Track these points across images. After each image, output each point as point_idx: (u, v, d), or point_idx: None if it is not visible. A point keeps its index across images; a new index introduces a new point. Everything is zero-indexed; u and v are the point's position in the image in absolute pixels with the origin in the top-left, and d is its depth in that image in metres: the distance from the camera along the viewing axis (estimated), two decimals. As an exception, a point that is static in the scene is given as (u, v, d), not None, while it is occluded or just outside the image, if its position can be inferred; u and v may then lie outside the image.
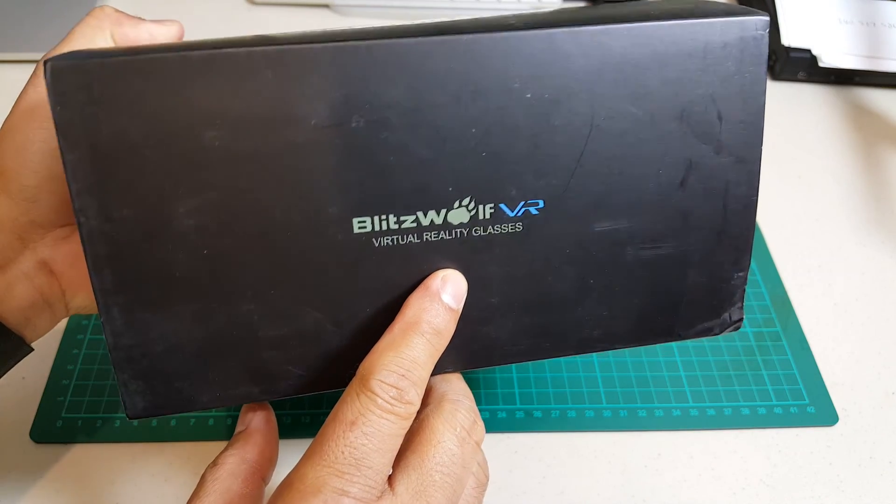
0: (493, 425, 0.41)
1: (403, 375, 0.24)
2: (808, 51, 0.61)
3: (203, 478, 0.26)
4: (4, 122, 0.28)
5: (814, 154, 0.58)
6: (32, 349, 0.30)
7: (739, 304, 0.30)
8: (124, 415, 0.40)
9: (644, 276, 0.28)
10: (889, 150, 0.59)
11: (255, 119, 0.22)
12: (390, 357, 0.24)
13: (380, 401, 0.23)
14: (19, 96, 0.28)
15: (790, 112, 0.61)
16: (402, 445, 0.25)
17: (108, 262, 0.23)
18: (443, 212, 0.25)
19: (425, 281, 0.25)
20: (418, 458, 0.25)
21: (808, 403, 0.43)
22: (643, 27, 0.24)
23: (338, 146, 0.23)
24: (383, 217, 0.25)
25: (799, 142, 0.59)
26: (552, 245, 0.27)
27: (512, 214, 0.26)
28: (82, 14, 0.62)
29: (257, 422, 0.27)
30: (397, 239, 0.25)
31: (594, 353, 0.36)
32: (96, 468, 0.39)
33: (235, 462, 0.26)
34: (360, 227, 0.24)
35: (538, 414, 0.42)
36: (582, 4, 0.70)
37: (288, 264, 0.24)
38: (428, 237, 0.25)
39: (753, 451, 0.41)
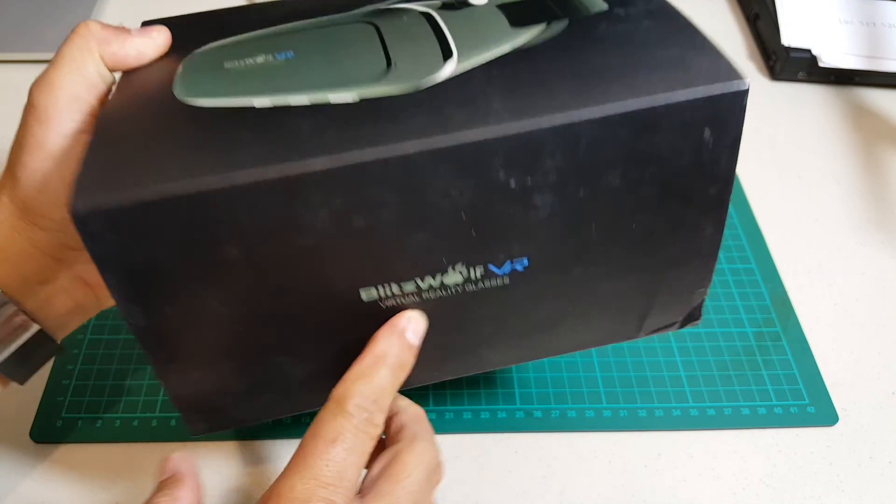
0: (493, 425, 0.41)
1: (375, 401, 0.27)
2: (808, 51, 0.61)
3: None
4: (19, 157, 0.29)
5: (814, 154, 0.58)
6: (63, 347, 0.33)
7: (700, 306, 0.33)
8: (124, 415, 0.40)
9: (617, 300, 0.31)
10: (889, 150, 0.59)
11: (267, 232, 0.25)
12: (363, 384, 0.27)
13: (355, 421, 0.26)
14: (24, 131, 0.29)
15: (790, 112, 0.61)
16: (376, 473, 0.28)
17: (157, 344, 0.27)
18: (438, 276, 0.28)
19: (393, 319, 0.28)
20: (391, 484, 0.28)
21: (808, 403, 0.43)
22: (622, 114, 0.25)
23: (342, 241, 0.26)
24: (386, 285, 0.27)
25: (799, 142, 0.59)
26: (536, 290, 0.29)
27: (500, 273, 0.28)
28: (82, 14, 0.62)
29: (185, 467, 0.29)
30: (400, 300, 0.28)
31: (586, 351, 0.41)
32: (96, 468, 0.39)
33: (167, 501, 0.28)
34: (367, 297, 0.28)
35: (538, 414, 0.42)
36: None
37: (310, 330, 0.28)
38: (427, 296, 0.28)
39: (753, 451, 0.41)
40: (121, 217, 0.23)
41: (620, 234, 0.28)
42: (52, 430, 0.40)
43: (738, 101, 0.26)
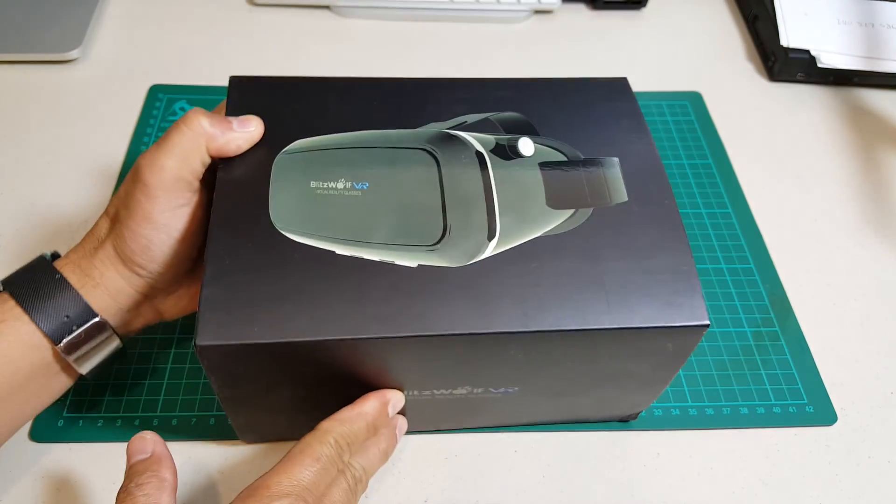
0: (504, 426, 0.41)
1: (348, 444, 0.34)
2: (807, 51, 0.61)
3: (131, 494, 0.31)
4: (126, 222, 0.35)
5: (812, 154, 0.58)
6: (126, 352, 0.39)
7: (639, 413, 0.41)
8: (125, 414, 0.41)
9: (578, 406, 0.40)
10: (888, 150, 0.59)
11: (332, 362, 0.33)
12: (345, 428, 0.34)
13: (333, 452, 0.33)
14: (133, 201, 0.35)
15: (789, 113, 0.61)
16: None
17: (234, 403, 0.36)
18: (449, 390, 0.36)
19: (384, 391, 0.36)
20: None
21: (807, 403, 0.43)
22: (613, 329, 0.32)
23: (384, 368, 0.34)
24: (410, 391, 0.36)
25: (798, 142, 0.59)
26: (522, 400, 0.38)
27: (496, 393, 0.37)
28: (82, 15, 0.62)
29: (161, 448, 0.33)
30: (417, 396, 0.37)
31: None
32: (96, 468, 0.39)
33: (156, 482, 0.31)
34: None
35: (538, 413, 0.42)
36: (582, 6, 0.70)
37: (346, 402, 0.36)
38: (438, 397, 0.37)
39: (752, 451, 0.41)
40: (230, 350, 0.31)
41: (589, 386, 0.37)
42: (52, 429, 0.40)
43: (699, 331, 0.33)
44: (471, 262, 0.33)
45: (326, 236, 0.34)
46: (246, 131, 0.36)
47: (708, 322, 0.33)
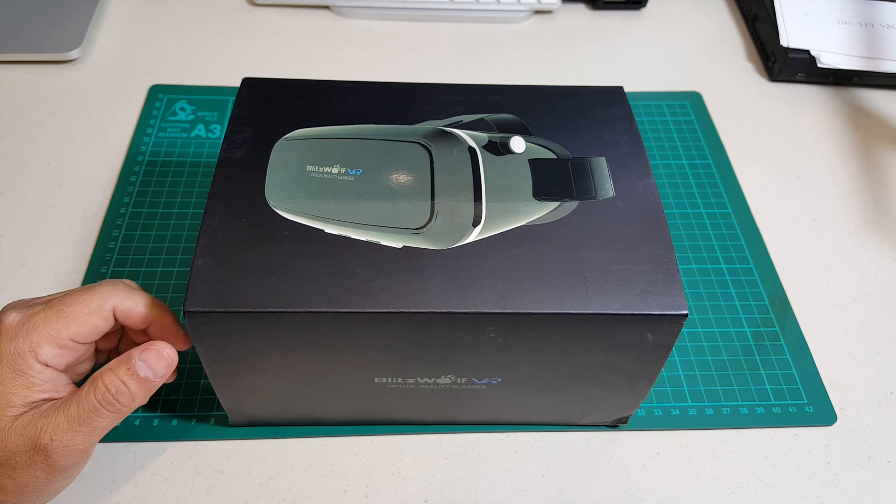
0: (493, 424, 0.41)
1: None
2: (807, 51, 0.61)
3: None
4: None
5: (812, 154, 0.58)
6: None
7: (629, 417, 0.41)
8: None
9: (565, 405, 0.40)
10: (887, 150, 0.59)
11: (315, 339, 0.34)
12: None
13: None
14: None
15: (789, 113, 0.61)
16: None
17: (223, 382, 0.36)
18: (433, 378, 0.37)
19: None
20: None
21: (807, 403, 0.43)
22: (590, 314, 0.32)
23: (367, 351, 0.34)
24: (392, 378, 0.37)
25: (797, 142, 0.59)
26: (505, 393, 0.38)
27: (479, 384, 0.37)
28: (82, 14, 0.62)
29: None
30: (402, 385, 0.37)
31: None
32: (96, 468, 0.39)
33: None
34: (378, 381, 0.37)
35: (537, 413, 0.42)
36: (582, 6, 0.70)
37: (331, 393, 0.38)
38: (423, 386, 0.37)
39: (752, 451, 0.41)
40: (217, 318, 0.32)
41: (572, 378, 0.37)
42: (53, 429, 0.40)
43: (678, 321, 0.33)
44: (454, 245, 0.34)
45: (317, 215, 0.35)
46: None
47: (686, 312, 0.33)
